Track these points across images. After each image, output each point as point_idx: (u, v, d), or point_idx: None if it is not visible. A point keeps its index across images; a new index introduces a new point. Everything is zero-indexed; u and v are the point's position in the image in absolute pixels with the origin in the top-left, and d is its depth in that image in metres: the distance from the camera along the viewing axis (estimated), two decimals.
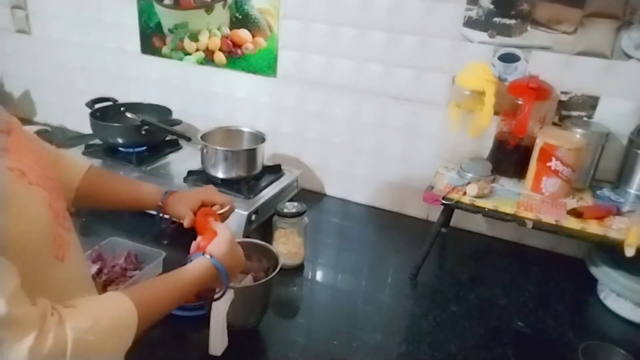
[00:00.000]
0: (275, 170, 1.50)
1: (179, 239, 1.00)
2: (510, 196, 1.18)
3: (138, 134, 1.48)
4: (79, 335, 0.55)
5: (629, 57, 1.17)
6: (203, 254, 0.82)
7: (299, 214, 1.18)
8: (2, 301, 0.50)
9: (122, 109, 1.61)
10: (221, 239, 0.86)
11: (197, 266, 0.80)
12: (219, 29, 1.58)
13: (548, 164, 1.15)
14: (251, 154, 1.40)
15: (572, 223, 1.07)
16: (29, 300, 0.53)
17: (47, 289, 0.61)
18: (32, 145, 0.68)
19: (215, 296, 0.86)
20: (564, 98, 1.25)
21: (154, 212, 0.96)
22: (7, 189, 0.56)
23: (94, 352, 0.57)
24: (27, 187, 0.60)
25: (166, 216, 0.96)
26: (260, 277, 1.02)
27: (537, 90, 1.18)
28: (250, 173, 1.40)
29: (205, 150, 1.38)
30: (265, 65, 1.55)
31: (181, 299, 0.76)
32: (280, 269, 1.01)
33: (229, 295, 0.88)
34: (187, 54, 1.67)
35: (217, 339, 0.89)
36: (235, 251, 0.87)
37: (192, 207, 0.94)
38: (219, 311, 0.88)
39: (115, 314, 0.61)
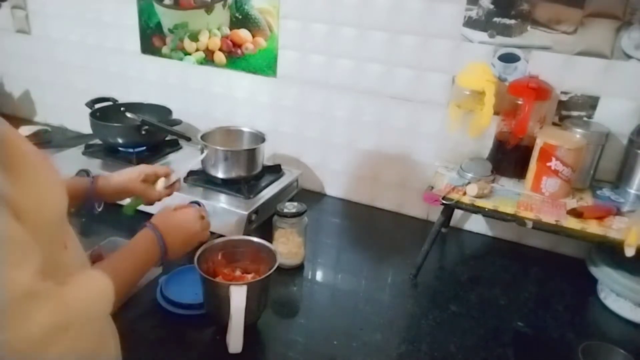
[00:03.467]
0: (275, 170, 1.50)
1: None
2: (510, 196, 1.18)
3: (138, 134, 1.48)
4: (77, 310, 0.60)
5: (629, 57, 1.17)
6: (147, 224, 0.88)
7: (299, 214, 1.18)
8: (30, 276, 0.54)
9: (122, 109, 1.61)
10: (163, 209, 0.93)
11: (141, 237, 0.86)
12: (219, 29, 1.58)
13: (548, 164, 1.15)
14: (251, 154, 1.40)
15: (572, 223, 1.07)
16: (43, 277, 0.56)
17: (58, 273, 0.63)
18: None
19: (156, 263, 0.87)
20: (564, 98, 1.25)
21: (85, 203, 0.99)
22: (35, 172, 0.59)
23: (87, 323, 0.62)
24: (51, 171, 0.63)
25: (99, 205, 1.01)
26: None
27: (537, 90, 1.18)
28: (250, 173, 1.40)
29: (205, 150, 1.38)
30: (265, 65, 1.56)
31: (139, 270, 0.81)
32: (280, 268, 1.01)
33: (243, 290, 0.89)
34: (187, 54, 1.67)
35: (239, 337, 0.90)
36: (182, 219, 0.92)
37: (126, 185, 1.01)
38: (238, 309, 0.89)
39: (97, 284, 0.67)
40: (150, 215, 0.93)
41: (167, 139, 1.61)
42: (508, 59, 1.27)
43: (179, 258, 0.92)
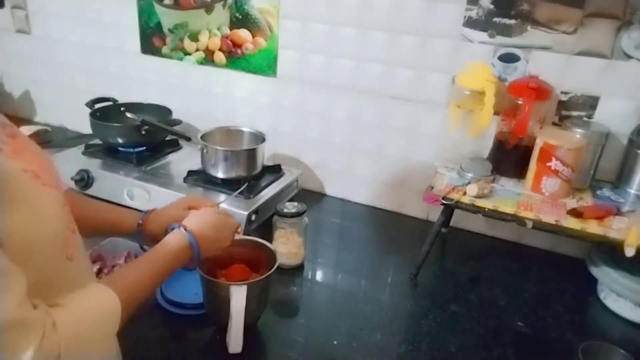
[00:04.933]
0: (275, 170, 1.50)
1: None
2: (510, 196, 1.18)
3: (138, 134, 1.48)
4: (70, 336, 0.57)
5: (629, 57, 1.17)
6: (179, 226, 0.83)
7: (299, 214, 1.18)
8: (14, 305, 0.51)
9: (122, 109, 1.61)
10: (199, 212, 0.88)
11: (172, 241, 0.81)
12: (219, 29, 1.58)
13: (548, 164, 1.15)
14: (251, 154, 1.40)
15: (572, 223, 1.07)
16: (31, 304, 0.54)
17: (61, 287, 0.62)
18: (36, 147, 0.69)
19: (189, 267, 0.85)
20: (564, 98, 1.25)
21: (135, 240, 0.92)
22: (22, 191, 0.56)
23: (83, 349, 0.59)
24: (41, 189, 0.60)
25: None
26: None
27: (537, 90, 1.18)
28: (250, 173, 1.40)
29: (205, 150, 1.38)
30: (265, 65, 1.56)
31: (162, 277, 0.77)
32: (280, 268, 1.00)
33: (243, 290, 0.89)
34: (187, 54, 1.67)
35: (239, 337, 0.90)
36: (214, 224, 0.88)
37: (176, 218, 0.90)
38: (238, 309, 0.89)
39: (101, 307, 0.63)
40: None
41: (167, 139, 1.61)
42: (508, 59, 1.27)
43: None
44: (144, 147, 1.54)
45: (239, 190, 1.21)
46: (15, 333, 0.51)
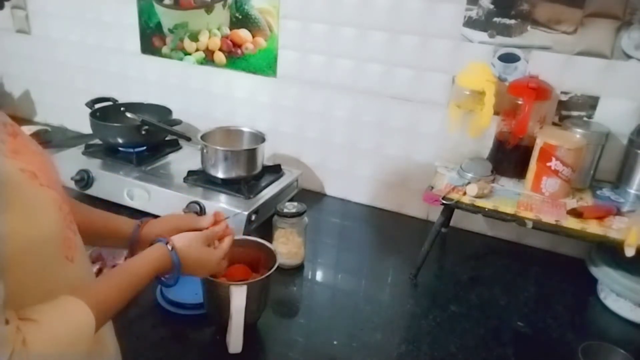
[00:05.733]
0: (275, 170, 1.50)
1: None
2: (510, 196, 1.18)
3: (138, 134, 1.47)
4: (39, 355, 0.55)
5: (629, 57, 1.17)
6: (165, 241, 0.80)
7: (299, 214, 1.18)
8: None
9: (122, 109, 1.61)
10: (191, 234, 0.84)
11: (153, 254, 0.78)
12: (219, 29, 1.58)
13: (548, 164, 1.15)
14: (251, 154, 1.40)
15: (572, 223, 1.07)
16: (4, 319, 0.52)
17: (59, 289, 0.61)
18: (37, 147, 0.68)
19: (165, 281, 0.82)
20: (564, 98, 1.25)
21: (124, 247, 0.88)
22: (17, 191, 0.56)
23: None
24: (38, 189, 0.60)
25: None
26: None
27: (537, 90, 1.18)
28: (250, 173, 1.40)
29: (205, 150, 1.38)
30: (265, 65, 1.56)
31: (137, 289, 0.74)
32: (280, 268, 1.00)
33: (243, 290, 0.89)
34: (187, 54, 1.67)
35: (239, 337, 0.90)
36: (201, 250, 0.84)
37: (174, 229, 0.87)
38: (238, 309, 0.89)
39: (75, 323, 0.60)
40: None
41: (167, 139, 1.61)
42: (508, 59, 1.27)
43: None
44: (144, 147, 1.54)
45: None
46: None
